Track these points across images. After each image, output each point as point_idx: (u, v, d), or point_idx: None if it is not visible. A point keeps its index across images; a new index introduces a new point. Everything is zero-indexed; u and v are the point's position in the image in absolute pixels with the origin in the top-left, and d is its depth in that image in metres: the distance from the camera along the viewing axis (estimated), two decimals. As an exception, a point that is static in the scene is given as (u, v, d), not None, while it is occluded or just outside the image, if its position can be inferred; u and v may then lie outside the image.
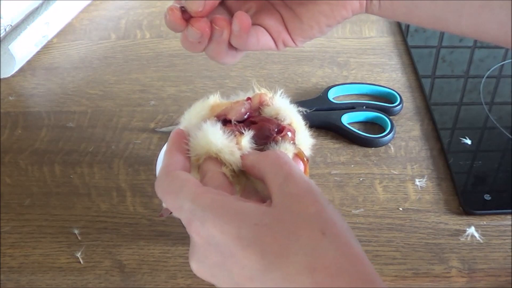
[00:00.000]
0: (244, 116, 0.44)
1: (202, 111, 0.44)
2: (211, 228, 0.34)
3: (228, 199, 0.35)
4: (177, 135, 0.43)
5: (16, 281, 0.54)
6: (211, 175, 0.40)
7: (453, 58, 0.80)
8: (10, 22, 0.74)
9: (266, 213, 0.34)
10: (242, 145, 0.41)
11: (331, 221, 0.34)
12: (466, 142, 0.66)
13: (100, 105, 0.72)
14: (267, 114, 0.44)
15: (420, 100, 0.73)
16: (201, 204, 0.35)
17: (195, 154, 0.41)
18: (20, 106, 0.73)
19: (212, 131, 0.41)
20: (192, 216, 0.35)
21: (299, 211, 0.34)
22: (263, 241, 0.33)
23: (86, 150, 0.66)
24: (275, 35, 0.45)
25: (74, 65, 0.79)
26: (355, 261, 0.32)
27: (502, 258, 0.55)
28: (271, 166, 0.37)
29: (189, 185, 0.37)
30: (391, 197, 0.61)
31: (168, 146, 0.42)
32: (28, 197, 0.61)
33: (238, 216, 0.34)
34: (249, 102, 0.45)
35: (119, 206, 0.60)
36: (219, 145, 0.40)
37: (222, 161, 0.40)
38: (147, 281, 0.54)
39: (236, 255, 0.33)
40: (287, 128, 0.43)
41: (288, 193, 0.35)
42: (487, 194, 0.60)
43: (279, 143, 0.42)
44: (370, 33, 0.84)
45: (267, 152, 0.40)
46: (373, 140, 0.66)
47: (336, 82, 0.74)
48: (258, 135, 0.42)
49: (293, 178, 0.36)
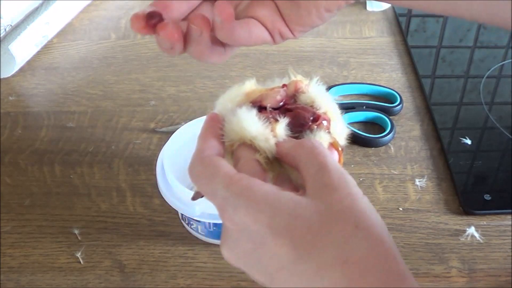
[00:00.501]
0: (280, 103, 0.43)
1: (238, 96, 0.43)
2: (244, 216, 0.34)
3: (262, 187, 0.35)
4: (212, 120, 0.41)
5: (16, 281, 0.54)
6: (245, 161, 0.39)
7: (453, 58, 0.80)
8: (10, 22, 0.74)
9: (299, 203, 0.34)
10: (277, 133, 0.40)
11: (365, 215, 0.33)
12: (466, 142, 0.66)
13: (100, 105, 0.72)
14: (303, 101, 0.43)
15: (420, 100, 0.73)
16: (235, 191, 0.35)
17: (229, 140, 0.40)
18: (20, 106, 0.73)
19: (247, 117, 0.40)
20: (225, 203, 0.35)
21: (333, 203, 0.33)
22: (295, 232, 0.33)
23: (86, 150, 0.66)
24: (270, 26, 0.42)
25: (74, 65, 0.79)
26: (386, 256, 0.32)
27: (502, 258, 0.55)
28: (306, 155, 0.37)
29: (223, 171, 0.36)
30: (391, 197, 0.61)
31: (202, 130, 0.41)
32: (28, 197, 0.61)
33: (271, 205, 0.34)
34: (284, 89, 0.44)
35: (119, 206, 0.60)
36: (253, 132, 0.40)
37: (256, 148, 0.40)
38: (147, 281, 0.54)
39: (268, 244, 0.33)
40: (323, 116, 0.42)
41: (322, 184, 0.34)
42: (487, 194, 0.60)
43: (314, 131, 0.41)
44: (370, 33, 0.84)
45: (303, 140, 0.39)
46: (373, 140, 0.66)
47: (336, 82, 0.74)
48: (293, 123, 0.41)
49: (328, 169, 0.35)
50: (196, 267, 0.55)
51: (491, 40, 0.83)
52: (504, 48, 0.81)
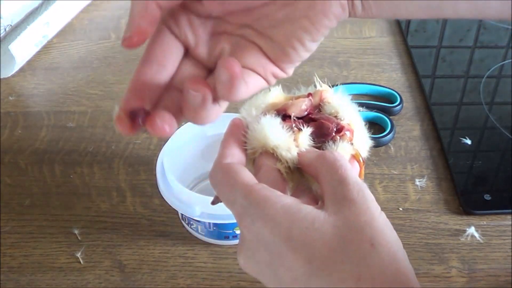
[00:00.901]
0: (304, 112, 0.43)
1: (263, 103, 0.43)
2: (262, 227, 0.34)
3: (281, 199, 0.35)
4: (235, 126, 0.41)
5: (16, 281, 0.54)
6: (266, 170, 0.39)
7: (453, 58, 0.80)
8: (10, 22, 0.74)
9: (317, 217, 0.34)
10: (299, 142, 0.40)
11: (381, 232, 0.33)
12: (466, 142, 0.66)
13: (100, 105, 0.72)
14: (327, 111, 0.44)
15: (420, 100, 0.73)
16: (254, 201, 0.35)
17: (251, 147, 0.41)
18: (20, 106, 0.73)
19: (271, 126, 0.40)
20: (243, 212, 0.35)
21: (351, 218, 0.34)
22: (312, 246, 0.33)
23: (86, 150, 0.66)
24: (261, 72, 0.39)
25: (74, 65, 0.79)
26: (400, 276, 0.32)
27: (502, 258, 0.55)
28: (327, 168, 0.37)
29: (243, 179, 0.36)
30: (391, 197, 0.61)
31: (225, 135, 0.41)
32: (28, 197, 0.61)
33: (289, 217, 0.34)
34: (310, 98, 0.44)
35: (119, 206, 0.60)
36: (276, 141, 0.40)
37: (278, 157, 0.40)
38: (147, 281, 0.54)
39: (284, 256, 0.33)
40: (346, 127, 0.43)
41: (341, 198, 0.35)
42: (487, 194, 0.60)
43: (337, 142, 0.41)
44: (370, 33, 0.84)
45: (325, 152, 0.39)
46: (373, 140, 0.66)
47: (336, 82, 0.74)
48: (317, 133, 0.42)
49: (348, 183, 0.35)
50: (196, 267, 0.55)
51: (491, 40, 0.83)
52: (504, 48, 0.81)
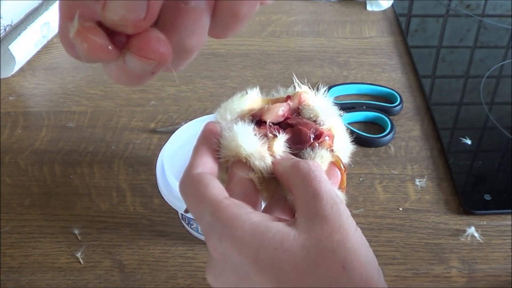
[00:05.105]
0: (281, 118, 0.41)
1: (238, 107, 0.42)
2: (229, 247, 0.33)
3: (250, 216, 0.33)
4: (208, 132, 0.39)
5: (16, 281, 0.54)
6: (238, 180, 0.37)
7: (453, 58, 0.80)
8: (10, 22, 0.74)
9: (286, 236, 0.32)
10: (274, 150, 0.39)
11: (354, 253, 0.32)
12: (466, 142, 0.66)
13: (100, 105, 0.72)
14: (306, 115, 0.42)
15: (420, 100, 0.73)
16: (221, 219, 0.33)
17: (224, 156, 0.39)
18: (20, 106, 0.73)
19: (243, 134, 0.38)
20: (210, 229, 0.34)
21: (322, 237, 0.32)
22: (280, 269, 0.31)
23: (86, 150, 0.66)
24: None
25: (74, 65, 0.79)
26: None
27: (502, 258, 0.55)
28: (301, 180, 0.35)
29: (212, 193, 0.35)
30: (391, 197, 0.61)
31: (197, 142, 0.39)
32: (28, 197, 0.61)
33: (258, 237, 0.32)
34: (288, 103, 0.42)
35: (119, 206, 0.60)
36: (249, 150, 0.38)
37: (251, 166, 0.38)
38: (147, 281, 0.54)
39: (251, 277, 0.32)
40: (326, 133, 0.40)
41: (314, 214, 0.33)
42: (487, 194, 0.60)
43: (316, 149, 0.39)
44: (370, 33, 0.84)
45: (299, 162, 0.36)
46: (373, 140, 0.66)
47: (336, 82, 0.74)
48: (294, 139, 0.40)
49: (321, 198, 0.33)
50: (196, 267, 0.55)
51: (491, 40, 0.83)
52: (504, 48, 0.81)
